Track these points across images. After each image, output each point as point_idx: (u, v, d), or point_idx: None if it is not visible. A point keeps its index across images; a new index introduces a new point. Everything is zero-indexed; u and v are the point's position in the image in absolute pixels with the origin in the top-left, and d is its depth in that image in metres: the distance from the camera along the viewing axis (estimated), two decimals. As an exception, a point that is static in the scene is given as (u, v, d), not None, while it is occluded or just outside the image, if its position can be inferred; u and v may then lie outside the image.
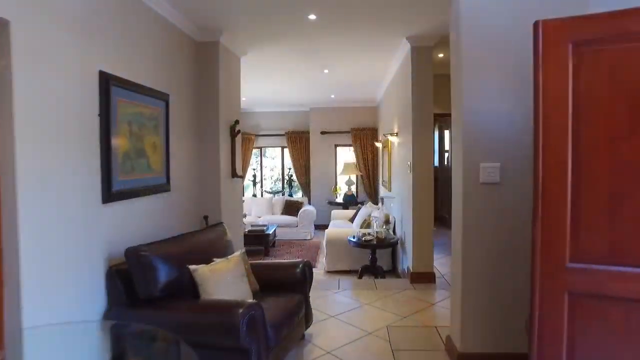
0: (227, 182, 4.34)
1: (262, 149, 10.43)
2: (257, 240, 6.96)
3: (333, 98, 8.62)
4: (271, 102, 9.14)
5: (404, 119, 4.85)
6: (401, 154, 5.18)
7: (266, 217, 8.61)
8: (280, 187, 10.44)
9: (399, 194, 5.40)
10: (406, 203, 4.73)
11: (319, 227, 9.18)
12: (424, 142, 4.29)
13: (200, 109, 4.06)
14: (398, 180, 5.52)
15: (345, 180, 8.94)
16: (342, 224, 7.45)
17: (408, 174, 4.53)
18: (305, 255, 6.97)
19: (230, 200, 4.43)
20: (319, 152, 9.55)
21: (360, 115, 9.41)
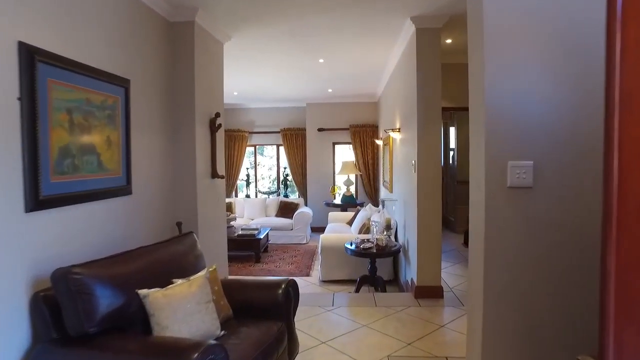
0: (206, 183, 3.81)
1: (257, 147, 9.89)
2: (247, 245, 6.43)
3: (331, 93, 8.09)
4: (265, 98, 8.61)
5: (408, 113, 4.32)
6: (404, 152, 4.65)
7: (259, 220, 8.08)
8: (276, 187, 9.91)
9: (402, 196, 4.86)
10: (410, 207, 4.20)
11: (316, 230, 8.65)
12: (431, 139, 3.76)
13: (173, 99, 3.52)
14: (401, 181, 4.99)
15: (343, 180, 8.41)
16: (340, 228, 6.92)
17: (412, 174, 3.99)
18: (300, 262, 6.45)
19: (210, 204, 3.90)
20: (316, 150, 9.02)
21: (360, 112, 8.88)
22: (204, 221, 3.68)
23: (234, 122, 9.50)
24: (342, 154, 9.39)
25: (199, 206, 3.59)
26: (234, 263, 6.35)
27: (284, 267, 6.17)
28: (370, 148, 8.71)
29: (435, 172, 3.75)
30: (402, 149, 4.83)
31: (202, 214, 3.66)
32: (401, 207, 4.85)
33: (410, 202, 4.15)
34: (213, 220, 3.99)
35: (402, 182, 4.86)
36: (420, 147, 3.75)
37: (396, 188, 5.47)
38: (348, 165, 8.10)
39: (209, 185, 3.87)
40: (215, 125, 3.90)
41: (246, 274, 5.80)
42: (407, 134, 4.39)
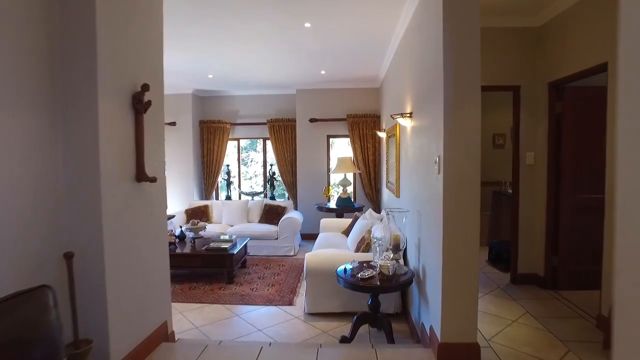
0: (125, 190, 2.52)
1: (240, 140, 8.60)
2: (218, 262, 5.16)
3: (324, 76, 6.80)
4: (248, 83, 7.32)
5: (426, 92, 3.04)
6: (419, 145, 3.37)
7: (239, 227, 6.81)
8: (263, 187, 8.63)
9: (415, 204, 3.59)
10: (430, 221, 2.93)
11: (307, 238, 7.40)
12: (466, 126, 2.48)
13: (61, 60, 2.23)
14: (413, 184, 3.70)
15: (340, 179, 7.13)
16: (334, 239, 5.64)
17: (434, 175, 2.72)
18: (283, 282, 5.18)
19: (134, 220, 2.62)
20: (308, 144, 7.74)
21: (359, 99, 7.59)
22: (118, 249, 2.41)
23: (213, 111, 8.21)
24: (338, 148, 8.12)
25: (107, 225, 2.31)
26: (201, 284, 5.08)
27: (262, 289, 4.90)
28: (371, 142, 7.43)
29: (472, 174, 2.48)
30: (415, 140, 3.55)
31: (115, 238, 2.38)
32: (414, 220, 3.58)
33: (430, 215, 2.89)
34: (141, 245, 2.70)
35: (415, 186, 3.58)
36: (448, 138, 2.48)
37: (406, 193, 4.19)
38: (345, 162, 6.82)
39: (132, 193, 2.58)
40: (141, 104, 2.60)
41: (213, 301, 4.54)
42: (425, 120, 3.11)
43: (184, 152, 7.92)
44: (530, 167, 4.24)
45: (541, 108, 4.15)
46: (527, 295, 4.13)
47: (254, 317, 4.12)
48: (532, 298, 4.05)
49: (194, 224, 5.44)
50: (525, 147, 4.24)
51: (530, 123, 4.22)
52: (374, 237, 3.66)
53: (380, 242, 3.56)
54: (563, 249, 4.12)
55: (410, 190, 3.81)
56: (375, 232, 4.35)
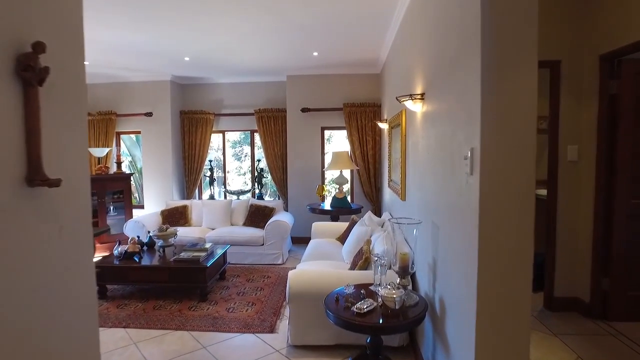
0: (3, 199, 1.68)
1: (225, 132, 7.76)
2: (190, 276, 4.34)
3: (317, 59, 5.95)
4: (232, 68, 6.47)
5: (450, 61, 2.20)
6: (436, 135, 2.54)
7: (221, 230, 5.98)
8: (252, 185, 7.80)
9: (430, 212, 2.76)
10: (455, 238, 2.11)
11: (299, 241, 6.59)
12: (516, 101, 1.62)
13: None
14: (427, 185, 2.88)
15: (335, 176, 6.30)
16: (327, 247, 4.83)
17: (463, 176, 1.89)
18: (266, 299, 4.36)
19: (17, 245, 1.78)
20: (300, 136, 6.90)
21: (357, 86, 6.74)
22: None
23: (195, 101, 7.37)
24: (337, 143, 7.30)
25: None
26: (168, 302, 4.26)
27: (240, 309, 4.09)
28: (370, 134, 6.59)
29: (525, 175, 1.63)
30: (430, 130, 2.72)
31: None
32: (427, 233, 2.74)
33: (456, 231, 2.06)
34: (37, 279, 1.87)
35: (429, 189, 2.75)
36: (488, 122, 1.63)
37: (414, 196, 3.37)
38: (341, 157, 5.99)
39: (16, 203, 1.75)
40: (32, 71, 1.76)
41: (178, 326, 3.72)
42: (447, 100, 2.28)
43: (162, 146, 7.08)
44: (573, 163, 3.40)
45: (588, 88, 3.30)
46: (571, 328, 3.28)
47: (224, 350, 3.30)
48: (578, 333, 3.20)
49: (161, 230, 4.62)
50: (566, 139, 3.40)
51: (573, 108, 3.37)
52: (375, 254, 2.83)
53: (382, 261, 2.74)
54: (617, 268, 3.27)
55: (422, 193, 2.98)
56: (375, 244, 3.54)
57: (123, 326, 3.75)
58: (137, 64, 6.07)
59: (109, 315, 3.98)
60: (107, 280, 4.43)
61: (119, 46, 5.13)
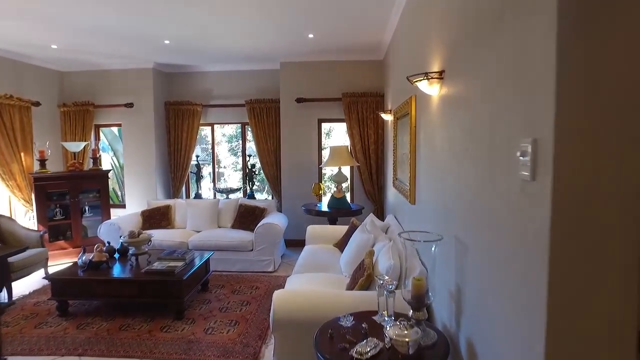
0: None
1: (214, 125, 7.13)
2: (162, 291, 3.74)
3: (313, 43, 5.31)
4: (219, 54, 5.83)
5: (491, 15, 1.56)
6: (462, 124, 1.93)
7: (207, 233, 5.38)
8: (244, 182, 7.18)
9: (453, 224, 2.15)
10: (496, 265, 1.50)
11: (294, 245, 5.99)
12: (611, 61, 1.02)
13: None
14: (449, 189, 2.26)
15: (333, 174, 5.68)
16: (323, 254, 4.23)
17: (517, 181, 1.27)
18: (253, 317, 3.76)
19: None
20: (294, 129, 6.28)
21: (358, 74, 6.11)
22: None
23: (181, 91, 6.76)
24: (334, 136, 6.69)
25: None
26: (138, 321, 3.67)
27: (221, 330, 3.49)
28: (372, 127, 5.97)
29: (637, 187, 1.03)
30: (452, 118, 2.11)
31: None
32: (448, 251, 2.12)
33: (502, 256, 1.45)
34: None
35: (452, 193, 2.14)
36: (569, 93, 1.02)
37: (428, 200, 2.76)
38: (339, 152, 5.37)
39: None
40: None
41: (144, 354, 3.12)
42: (481, 76, 1.65)
43: (145, 140, 6.46)
44: None
45: None
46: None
47: (195, 388, 2.71)
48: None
49: (132, 236, 4.01)
50: None
51: None
52: (380, 276, 2.22)
53: (389, 287, 2.13)
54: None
55: (440, 198, 2.36)
56: (379, 257, 2.94)
57: (78, 353, 3.15)
58: (113, 48, 5.44)
59: (65, 338, 3.38)
60: (68, 294, 3.84)
61: (88, 27, 4.50)
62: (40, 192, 5.43)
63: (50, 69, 6.33)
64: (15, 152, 5.54)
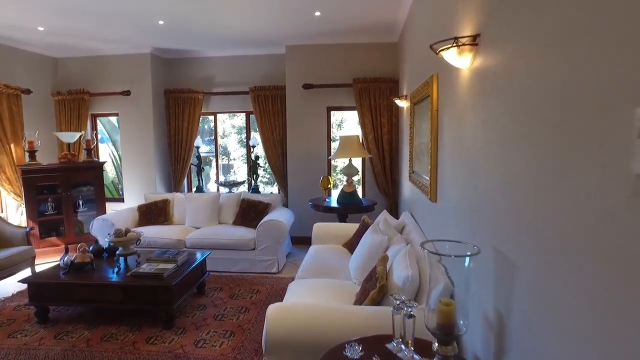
0: None
1: (217, 115, 6.72)
2: (149, 296, 3.34)
3: (320, 23, 4.83)
4: (219, 37, 5.39)
5: None
6: (508, 99, 1.44)
7: (204, 231, 4.98)
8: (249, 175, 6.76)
9: (495, 233, 1.68)
10: (577, 308, 1.02)
11: (300, 242, 5.58)
12: None
13: None
14: (492, 185, 1.79)
15: (344, 166, 5.22)
16: (330, 256, 3.79)
17: (633, 179, 0.79)
18: (251, 326, 3.35)
19: None
20: (301, 118, 5.82)
21: (370, 57, 5.61)
22: None
23: (181, 78, 6.35)
24: (347, 127, 6.21)
25: None
26: (123, 330, 3.28)
27: (214, 343, 3.08)
28: (386, 115, 5.48)
29: None
30: (493, 94, 1.63)
31: None
32: (483, 265, 1.65)
33: (579, 293, 0.99)
34: None
35: (491, 192, 1.67)
36: None
37: (452, 197, 2.28)
38: (350, 142, 4.90)
39: None
40: None
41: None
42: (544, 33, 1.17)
43: (143, 129, 6.08)
44: None
45: None
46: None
47: (175, 418, 2.31)
48: None
49: (119, 234, 3.62)
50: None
51: None
52: (396, 295, 1.77)
53: (408, 310, 1.68)
54: None
55: (471, 197, 1.89)
56: (394, 265, 2.49)
57: (50, 370, 2.78)
58: (105, 31, 5.03)
59: (38, 351, 3.01)
60: (47, 299, 3.47)
61: (73, 5, 4.09)
62: (29, 185, 5.08)
63: (43, 55, 5.96)
64: (4, 143, 5.20)
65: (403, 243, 2.89)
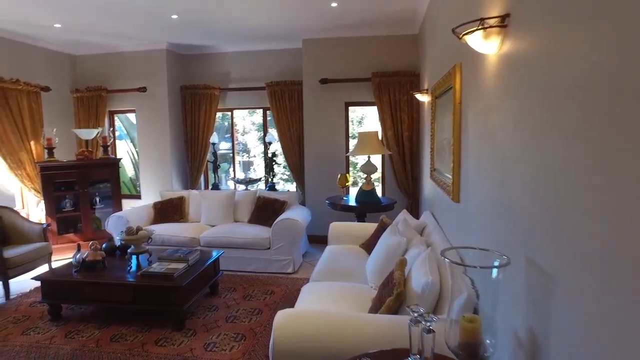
0: None
1: (234, 111, 6.64)
2: (159, 297, 3.26)
3: (336, 13, 4.64)
4: (235, 32, 5.28)
5: None
6: (537, 88, 1.24)
7: (219, 229, 4.88)
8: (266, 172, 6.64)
9: (530, 242, 1.48)
10: None
11: (318, 241, 5.44)
12: None
13: None
14: (524, 186, 1.59)
15: (362, 163, 5.04)
16: (347, 258, 3.63)
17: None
18: (263, 330, 3.23)
19: None
20: (318, 113, 5.66)
21: (389, 51, 5.41)
22: None
23: (197, 74, 6.30)
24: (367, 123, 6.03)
25: None
26: (133, 331, 3.21)
27: (224, 347, 2.97)
28: (406, 110, 5.27)
29: None
30: (526, 83, 1.43)
31: None
32: (514, 277, 1.46)
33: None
34: None
35: (521, 194, 1.47)
36: None
37: (477, 197, 2.09)
38: (368, 138, 4.71)
39: None
40: None
41: (131, 374, 2.66)
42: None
43: (159, 126, 6.05)
44: None
45: None
46: None
47: None
48: None
49: (130, 232, 3.55)
50: None
51: None
52: (415, 309, 1.59)
53: (428, 324, 1.50)
54: None
55: (501, 198, 1.69)
56: (413, 270, 2.31)
57: (57, 371, 2.72)
58: (120, 27, 4.99)
59: (49, 350, 2.96)
60: (59, 297, 3.43)
61: (88, 1, 4.04)
62: (47, 182, 5.11)
63: (62, 53, 5.99)
64: (25, 140, 5.24)
65: (423, 246, 2.71)
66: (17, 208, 5.39)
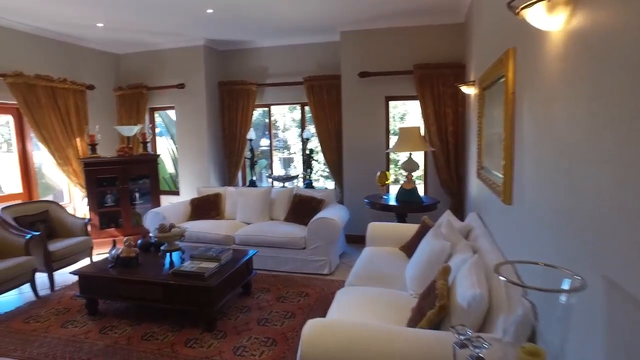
0: None
1: (271, 107, 6.55)
2: (189, 297, 3.19)
3: (376, 5, 4.40)
4: (271, 25, 5.16)
5: None
6: (630, 68, 0.98)
7: (254, 227, 4.80)
8: (307, 169, 6.50)
9: (610, 257, 1.21)
10: None
11: (356, 241, 5.24)
12: None
13: None
14: (605, 188, 1.31)
15: (403, 161, 4.77)
16: (385, 261, 3.41)
17: None
18: (296, 335, 3.08)
19: None
20: (358, 109, 5.44)
21: (431, 41, 5.09)
22: None
23: (235, 69, 6.26)
24: (409, 119, 5.76)
25: None
26: (165, 329, 3.17)
27: (254, 352, 2.85)
28: (450, 105, 4.94)
29: None
30: (605, 65, 1.15)
31: None
32: (588, 303, 1.20)
33: None
34: None
35: (600, 191, 1.21)
36: None
37: (534, 200, 1.81)
38: (410, 134, 4.45)
39: None
40: None
41: (159, 376, 2.59)
42: None
43: (197, 122, 6.06)
44: None
45: None
46: None
47: None
48: None
49: (162, 230, 3.52)
50: None
51: None
52: (459, 329, 1.37)
53: (477, 351, 1.28)
54: None
55: (568, 202, 1.43)
56: (458, 280, 2.07)
57: (88, 368, 2.71)
58: (158, 23, 5.01)
59: (83, 345, 2.97)
60: (94, 292, 3.45)
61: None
62: (90, 177, 5.24)
63: (107, 52, 6.14)
64: (71, 137, 5.40)
65: (469, 252, 2.44)
66: (64, 202, 5.58)
